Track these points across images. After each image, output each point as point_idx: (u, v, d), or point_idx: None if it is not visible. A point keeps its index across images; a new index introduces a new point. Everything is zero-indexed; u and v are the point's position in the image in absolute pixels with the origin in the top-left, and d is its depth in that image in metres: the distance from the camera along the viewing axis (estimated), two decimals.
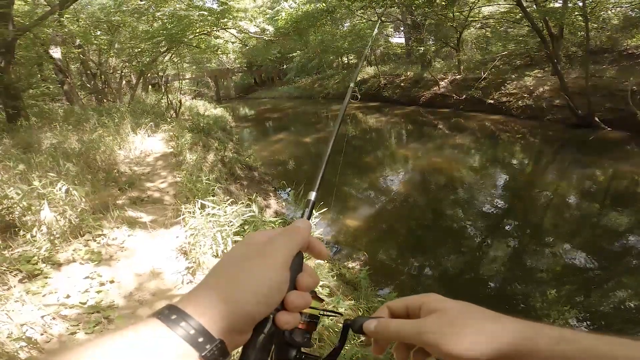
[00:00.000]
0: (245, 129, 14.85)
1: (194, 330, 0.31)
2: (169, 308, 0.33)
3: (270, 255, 0.38)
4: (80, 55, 10.61)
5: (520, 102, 10.22)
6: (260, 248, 0.39)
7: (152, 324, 0.31)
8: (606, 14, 9.84)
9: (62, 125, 6.92)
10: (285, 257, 0.38)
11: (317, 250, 0.44)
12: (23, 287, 2.49)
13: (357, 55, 21.70)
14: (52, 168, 4.31)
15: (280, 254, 0.38)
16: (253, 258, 0.37)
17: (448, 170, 7.28)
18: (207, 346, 0.31)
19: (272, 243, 0.39)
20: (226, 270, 0.37)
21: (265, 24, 13.10)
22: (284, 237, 0.40)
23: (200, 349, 0.31)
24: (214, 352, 0.31)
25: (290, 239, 0.40)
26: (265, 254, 0.38)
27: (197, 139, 7.20)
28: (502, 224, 5.10)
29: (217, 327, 0.32)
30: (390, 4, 13.73)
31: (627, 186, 5.87)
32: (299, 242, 0.41)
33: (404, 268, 4.21)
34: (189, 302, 0.33)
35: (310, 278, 0.41)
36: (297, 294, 0.38)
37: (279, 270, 0.37)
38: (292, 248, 0.39)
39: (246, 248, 0.39)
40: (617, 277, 3.64)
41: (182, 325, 0.31)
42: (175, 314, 0.32)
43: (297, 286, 0.39)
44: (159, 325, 0.31)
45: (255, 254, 0.38)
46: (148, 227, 3.48)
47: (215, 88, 26.41)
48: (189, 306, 0.33)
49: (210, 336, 0.31)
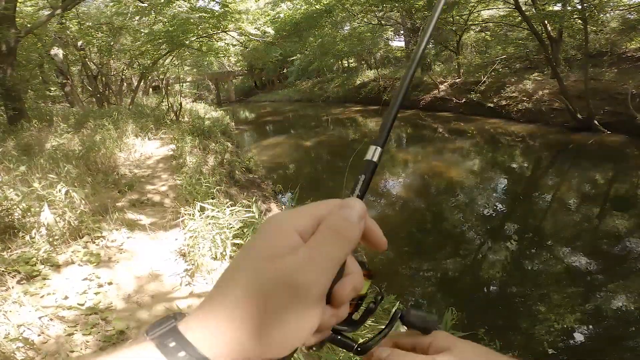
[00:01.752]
0: (245, 132, 14.88)
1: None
2: (169, 332, 0.25)
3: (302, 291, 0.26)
4: (83, 58, 10.66)
5: (520, 106, 10.24)
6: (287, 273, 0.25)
7: (147, 349, 0.25)
8: (605, 16, 9.87)
9: (62, 128, 6.94)
10: (323, 287, 0.27)
11: (375, 239, 0.32)
12: (21, 288, 2.49)
13: (357, 58, 21.81)
14: (52, 170, 4.32)
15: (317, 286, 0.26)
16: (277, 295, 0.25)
17: (448, 173, 7.29)
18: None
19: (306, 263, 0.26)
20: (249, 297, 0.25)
21: (265, 26, 13.15)
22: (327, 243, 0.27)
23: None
24: None
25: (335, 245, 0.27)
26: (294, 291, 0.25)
27: (198, 142, 7.21)
28: (502, 228, 5.10)
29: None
30: (390, 8, 13.82)
31: (628, 190, 5.87)
32: (349, 246, 0.28)
33: (405, 271, 4.20)
34: (197, 326, 0.25)
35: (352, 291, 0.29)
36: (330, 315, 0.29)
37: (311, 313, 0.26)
38: (336, 264, 0.27)
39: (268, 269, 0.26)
40: (618, 280, 3.63)
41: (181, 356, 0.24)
42: (173, 340, 0.25)
43: (333, 301, 0.29)
44: (152, 351, 0.24)
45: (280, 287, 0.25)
46: (147, 229, 3.48)
47: (215, 91, 26.51)
48: (195, 331, 0.25)
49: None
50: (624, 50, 10.32)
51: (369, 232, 0.31)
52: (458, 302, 3.20)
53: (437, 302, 3.59)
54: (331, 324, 0.29)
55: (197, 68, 17.39)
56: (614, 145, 7.46)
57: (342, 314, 0.29)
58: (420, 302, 3.64)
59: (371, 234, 0.31)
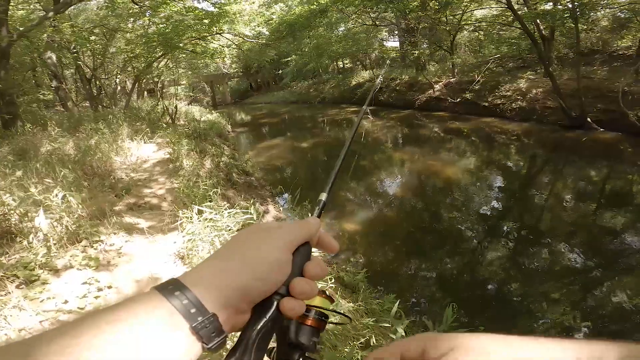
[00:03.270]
0: (241, 135, 14.86)
1: (188, 300, 0.31)
2: (170, 280, 0.33)
3: (275, 236, 0.39)
4: (76, 61, 10.60)
5: (514, 105, 10.32)
6: (266, 230, 0.40)
7: (149, 293, 0.32)
8: (595, 15, 10.00)
9: (57, 132, 6.90)
10: (289, 240, 0.39)
11: (327, 243, 0.45)
12: (21, 293, 2.48)
13: (352, 59, 21.87)
14: (48, 174, 4.30)
15: (286, 237, 0.39)
16: (257, 237, 0.39)
17: (444, 173, 7.34)
18: (199, 318, 0.30)
19: (279, 227, 0.41)
20: (229, 247, 0.39)
21: (260, 27, 13.16)
22: (293, 225, 0.41)
23: (191, 320, 0.30)
24: (205, 324, 0.31)
25: (298, 227, 0.41)
26: (270, 235, 0.39)
27: (194, 144, 7.20)
28: (498, 226, 5.14)
29: (211, 300, 0.32)
30: (384, 9, 13.89)
31: (622, 186, 5.94)
32: (307, 232, 0.41)
33: (402, 270, 4.23)
34: (189, 275, 0.34)
35: (318, 267, 0.41)
36: (303, 281, 0.38)
37: (282, 249, 0.38)
38: (298, 235, 0.40)
39: (253, 229, 0.41)
40: (616, 276, 3.68)
41: (177, 294, 0.31)
42: (172, 284, 0.32)
43: (304, 274, 0.40)
44: (155, 295, 0.31)
45: (260, 233, 0.40)
46: (146, 232, 3.48)
47: (211, 93, 26.44)
48: (187, 278, 0.33)
49: (203, 309, 0.31)
50: (614, 49, 10.45)
51: (322, 239, 0.44)
52: (457, 300, 3.22)
53: (436, 300, 3.62)
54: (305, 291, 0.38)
55: (192, 70, 17.34)
56: (607, 142, 7.55)
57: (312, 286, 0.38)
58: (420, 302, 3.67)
59: (324, 240, 0.44)
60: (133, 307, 0.30)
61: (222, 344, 0.32)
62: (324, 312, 0.41)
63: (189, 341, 0.30)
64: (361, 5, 13.69)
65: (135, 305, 0.30)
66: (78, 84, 12.78)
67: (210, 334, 0.31)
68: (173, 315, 0.30)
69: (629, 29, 10.26)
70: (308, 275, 0.40)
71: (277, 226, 0.41)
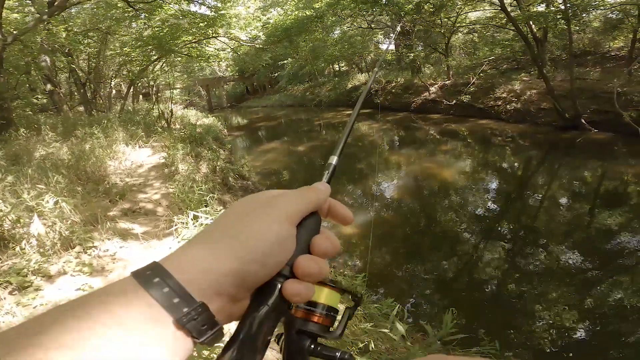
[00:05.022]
0: (237, 138, 14.83)
1: (169, 288, 0.25)
2: (150, 264, 0.27)
3: (275, 206, 0.32)
4: (70, 65, 10.54)
5: (509, 106, 10.39)
6: (264, 200, 0.33)
7: (125, 281, 0.26)
8: (587, 16, 10.11)
9: (51, 137, 6.85)
10: (292, 211, 0.32)
11: (341, 214, 0.38)
12: (14, 299, 2.45)
13: (348, 62, 21.95)
14: (41, 180, 4.25)
15: (288, 207, 0.32)
16: (252, 209, 0.32)
17: (441, 175, 7.35)
18: (184, 309, 0.25)
19: (280, 195, 0.34)
20: (219, 223, 0.32)
21: (256, 31, 13.18)
22: (296, 192, 0.35)
23: (174, 312, 0.25)
24: (192, 316, 0.25)
25: (303, 195, 0.34)
26: (268, 205, 0.32)
27: (190, 149, 7.17)
28: (495, 227, 5.15)
29: (199, 287, 0.26)
30: (379, 12, 13.96)
31: (616, 186, 5.98)
32: (314, 200, 0.35)
33: (401, 273, 4.21)
34: (171, 257, 0.28)
35: (327, 241, 0.34)
36: (309, 258, 0.32)
37: (283, 223, 0.31)
38: (303, 203, 0.33)
39: (250, 200, 0.34)
40: (612, 276, 3.69)
41: (156, 282, 0.25)
42: (151, 269, 0.26)
43: (311, 250, 0.33)
44: (130, 283, 0.25)
45: (256, 204, 0.33)
46: (140, 238, 3.44)
47: (207, 97, 26.41)
48: (169, 261, 0.27)
49: (189, 297, 0.26)
50: (607, 50, 10.56)
51: (334, 208, 0.38)
52: (456, 302, 3.21)
53: (434, 304, 3.61)
54: (312, 272, 0.32)
55: (187, 74, 17.32)
56: (601, 142, 7.61)
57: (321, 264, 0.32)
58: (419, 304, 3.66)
59: (336, 209, 0.38)
60: (105, 300, 0.24)
61: (217, 336, 0.27)
62: (334, 307, 0.36)
63: (175, 337, 0.25)
64: (357, 8, 13.75)
65: (108, 299, 0.24)
66: (72, 88, 12.70)
67: (200, 327, 0.26)
68: (152, 308, 0.24)
69: (621, 30, 10.37)
70: (316, 251, 0.33)
71: (277, 194, 0.34)
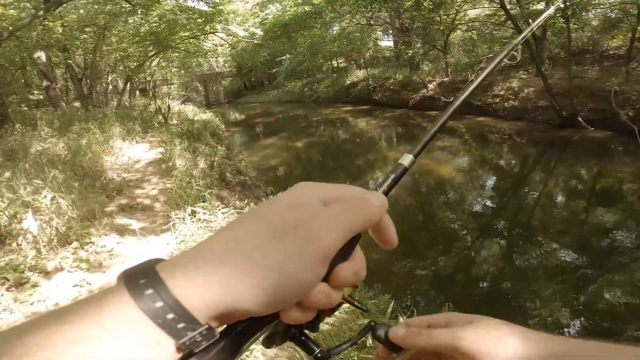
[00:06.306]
0: (235, 134, 14.78)
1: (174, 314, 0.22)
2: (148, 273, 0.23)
3: (312, 238, 0.25)
4: (67, 60, 10.46)
5: (507, 104, 10.40)
6: (303, 219, 0.26)
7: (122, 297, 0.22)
8: (586, 15, 10.11)
9: (47, 132, 6.81)
10: (333, 244, 0.26)
11: (388, 236, 0.32)
12: (11, 295, 2.44)
13: (346, 59, 21.88)
14: (38, 175, 4.23)
15: (328, 241, 0.26)
16: (287, 238, 0.25)
17: (438, 171, 7.37)
18: (189, 333, 0.22)
19: (322, 217, 0.26)
20: (242, 238, 0.25)
21: (254, 28, 13.11)
22: (345, 210, 0.27)
23: (177, 336, 0.22)
24: (195, 339, 0.22)
25: (353, 215, 0.27)
26: (304, 234, 0.25)
27: (187, 144, 7.15)
28: (492, 225, 5.17)
29: (203, 314, 0.23)
30: (379, 8, 13.91)
31: (612, 184, 6.02)
32: (365, 224, 0.28)
33: (399, 270, 4.23)
34: (176, 270, 0.23)
35: (353, 275, 0.28)
36: (323, 291, 0.27)
37: (315, 264, 0.25)
38: (349, 230, 0.27)
39: (286, 216, 0.26)
40: (607, 274, 3.72)
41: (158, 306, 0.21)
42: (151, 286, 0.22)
43: (331, 280, 0.27)
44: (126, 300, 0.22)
45: (292, 231, 0.25)
46: (138, 234, 3.44)
47: (204, 93, 26.29)
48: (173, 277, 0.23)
49: (194, 321, 0.22)
50: (605, 48, 10.58)
51: (385, 227, 0.32)
52: (452, 298, 3.24)
53: (431, 299, 3.63)
54: (320, 305, 0.27)
55: (185, 70, 17.22)
56: (598, 141, 7.64)
57: (334, 298, 0.27)
58: (417, 301, 3.68)
59: (386, 229, 0.32)
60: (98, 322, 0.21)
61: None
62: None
63: (174, 355, 0.22)
64: (356, 4, 13.70)
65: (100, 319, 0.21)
66: (69, 84, 12.61)
67: (200, 344, 0.23)
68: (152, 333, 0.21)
69: (620, 29, 10.38)
70: (335, 283, 0.27)
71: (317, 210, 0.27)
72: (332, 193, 0.29)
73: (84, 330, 0.20)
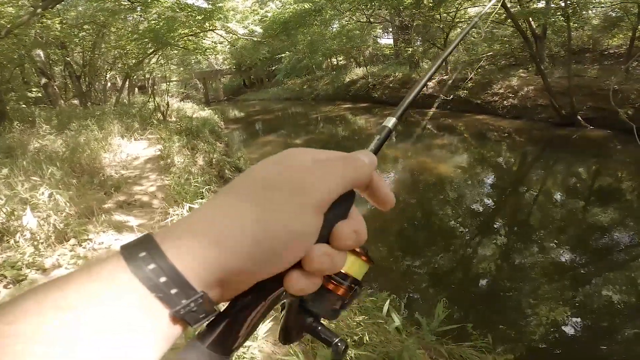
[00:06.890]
0: (234, 131, 14.76)
1: (166, 277, 0.21)
2: (143, 239, 0.23)
3: (304, 187, 0.25)
4: (65, 57, 10.43)
5: (506, 102, 10.39)
6: (295, 175, 0.26)
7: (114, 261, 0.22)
8: (587, 14, 10.09)
9: (45, 129, 6.79)
10: (325, 197, 0.26)
11: (382, 195, 0.31)
12: (8, 292, 2.44)
13: (345, 56, 21.84)
14: (36, 172, 4.23)
15: (321, 192, 0.26)
16: (278, 188, 0.25)
17: (437, 169, 7.36)
18: (183, 301, 0.22)
19: (314, 169, 0.27)
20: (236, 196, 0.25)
21: (253, 25, 13.06)
22: (333, 166, 0.27)
23: (172, 304, 0.21)
24: (190, 308, 0.22)
25: (343, 168, 0.28)
26: (296, 185, 0.25)
27: (186, 141, 7.13)
28: (490, 223, 5.18)
29: (199, 277, 0.22)
30: (378, 6, 13.87)
31: (610, 183, 6.02)
32: (355, 176, 0.28)
33: (396, 267, 4.24)
34: (170, 235, 0.23)
35: (353, 234, 0.27)
36: (325, 253, 0.26)
37: (312, 214, 0.25)
38: (341, 183, 0.27)
39: (276, 170, 0.27)
40: (604, 272, 3.72)
41: (151, 268, 0.21)
42: (144, 249, 0.22)
43: (331, 240, 0.27)
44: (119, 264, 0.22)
45: (284, 182, 0.26)
46: (136, 230, 3.43)
47: (203, 90, 26.24)
48: (167, 240, 0.23)
49: (189, 287, 0.22)
50: (605, 47, 10.56)
51: (376, 186, 0.31)
52: (449, 295, 3.24)
53: (428, 297, 3.64)
54: (324, 268, 0.26)
55: (184, 67, 17.17)
56: (597, 139, 7.64)
57: (337, 260, 0.27)
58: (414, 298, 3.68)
59: (379, 187, 0.31)
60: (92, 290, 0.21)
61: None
62: (358, 279, 0.31)
63: (169, 325, 0.22)
64: (355, 2, 13.66)
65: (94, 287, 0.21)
66: (67, 81, 12.57)
67: (197, 316, 0.23)
68: (146, 298, 0.21)
69: (620, 28, 10.36)
70: (336, 244, 0.27)
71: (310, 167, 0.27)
72: (322, 155, 0.29)
73: (71, 295, 0.20)
